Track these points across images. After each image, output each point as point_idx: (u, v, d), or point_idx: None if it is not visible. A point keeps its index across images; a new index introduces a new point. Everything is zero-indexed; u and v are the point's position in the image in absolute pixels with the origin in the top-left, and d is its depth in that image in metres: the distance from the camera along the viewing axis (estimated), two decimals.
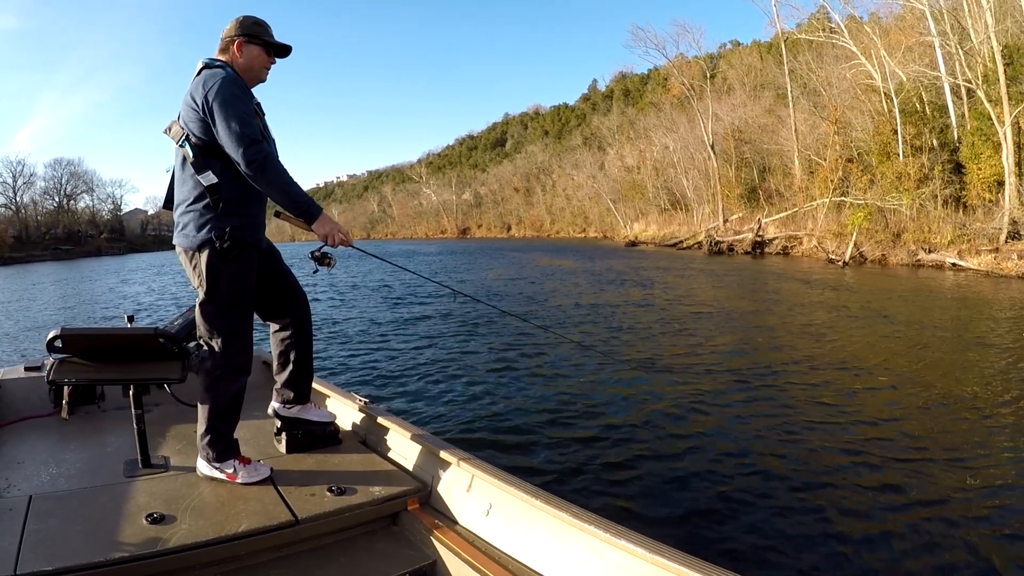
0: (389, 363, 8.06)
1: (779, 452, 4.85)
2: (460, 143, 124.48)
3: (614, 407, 5.99)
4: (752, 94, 45.33)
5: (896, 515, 3.80)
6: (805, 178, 32.14)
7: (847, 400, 6.38)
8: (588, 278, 19.81)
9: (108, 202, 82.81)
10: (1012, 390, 6.74)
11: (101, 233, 77.81)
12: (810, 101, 35.10)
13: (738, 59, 54.57)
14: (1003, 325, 11.09)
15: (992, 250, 19.84)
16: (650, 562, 1.66)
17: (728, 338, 9.81)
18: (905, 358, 8.39)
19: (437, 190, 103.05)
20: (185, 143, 2.45)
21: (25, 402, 3.41)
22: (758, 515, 3.78)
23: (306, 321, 2.92)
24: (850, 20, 30.96)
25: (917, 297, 14.76)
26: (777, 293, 16.09)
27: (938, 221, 22.63)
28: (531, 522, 2.08)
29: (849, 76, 29.78)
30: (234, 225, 2.47)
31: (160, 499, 2.31)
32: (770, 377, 7.22)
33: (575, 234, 65.28)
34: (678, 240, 38.21)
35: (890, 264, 22.71)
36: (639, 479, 4.33)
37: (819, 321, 11.49)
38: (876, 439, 5.17)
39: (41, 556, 1.87)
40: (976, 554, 3.37)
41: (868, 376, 7.38)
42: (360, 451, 2.92)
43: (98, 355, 2.59)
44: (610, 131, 67.60)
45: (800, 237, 29.07)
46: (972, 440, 5.24)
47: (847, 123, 29.83)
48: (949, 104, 25.26)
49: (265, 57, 2.65)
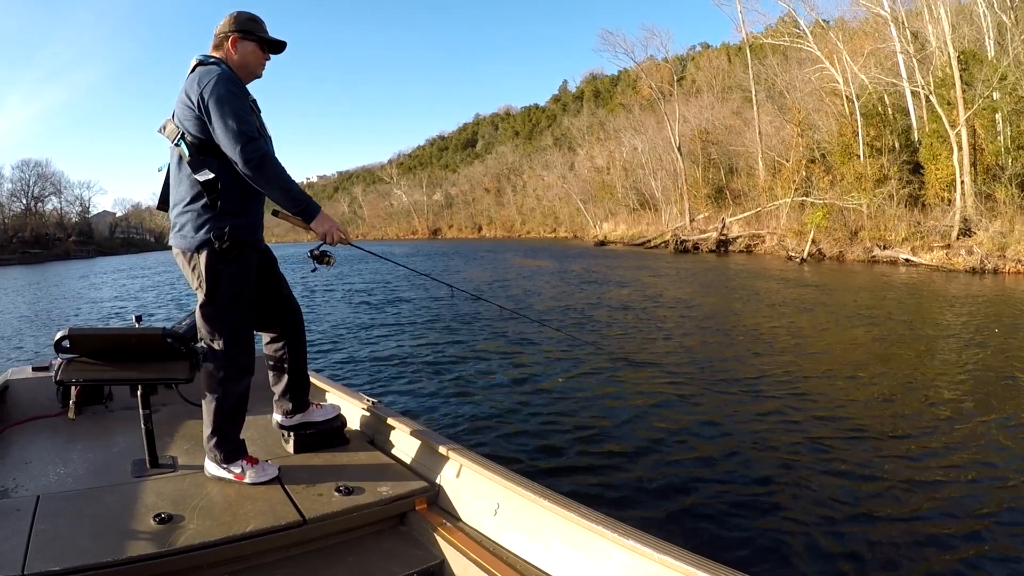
0: (393, 362, 7.95)
1: (773, 444, 4.84)
2: (431, 143, 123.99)
3: (623, 407, 5.85)
4: (720, 96, 46.06)
5: (923, 506, 3.81)
6: (769, 178, 32.75)
7: (814, 388, 6.55)
8: (565, 278, 19.81)
9: (76, 204, 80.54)
10: (964, 372, 7.20)
11: (69, 236, 75.54)
12: (775, 104, 35.78)
13: (707, 61, 55.46)
14: (946, 314, 11.45)
15: (944, 246, 20.51)
16: (658, 562, 1.65)
17: (696, 338, 9.88)
18: (847, 346, 8.70)
19: (408, 191, 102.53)
20: (181, 142, 2.41)
21: (33, 402, 3.40)
22: (751, 510, 3.76)
23: (300, 330, 2.88)
24: (816, 25, 31.63)
25: (867, 290, 15.21)
26: (737, 288, 16.42)
27: (893, 219, 23.32)
28: (539, 522, 2.07)
29: (814, 80, 30.46)
30: (233, 225, 2.43)
31: (168, 499, 2.31)
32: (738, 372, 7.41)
33: (545, 234, 65.49)
34: (646, 239, 38.55)
35: (847, 260, 23.38)
36: (654, 479, 4.24)
37: (772, 312, 11.77)
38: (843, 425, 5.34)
39: (49, 556, 1.87)
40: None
41: (820, 365, 7.60)
42: (368, 451, 2.91)
43: (106, 355, 2.58)
44: (580, 132, 68.00)
45: (763, 236, 29.65)
46: (921, 416, 5.51)
47: (812, 125, 30.48)
48: (910, 107, 26.01)
49: (260, 53, 2.62)
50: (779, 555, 3.28)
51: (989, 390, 6.40)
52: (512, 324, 10.20)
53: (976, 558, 3.26)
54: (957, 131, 21.84)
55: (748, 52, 37.39)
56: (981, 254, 18.66)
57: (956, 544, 3.39)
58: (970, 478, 4.27)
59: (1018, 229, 19.00)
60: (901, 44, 25.30)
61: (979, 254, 18.73)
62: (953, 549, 3.34)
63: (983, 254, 18.64)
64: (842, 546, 3.35)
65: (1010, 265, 18.00)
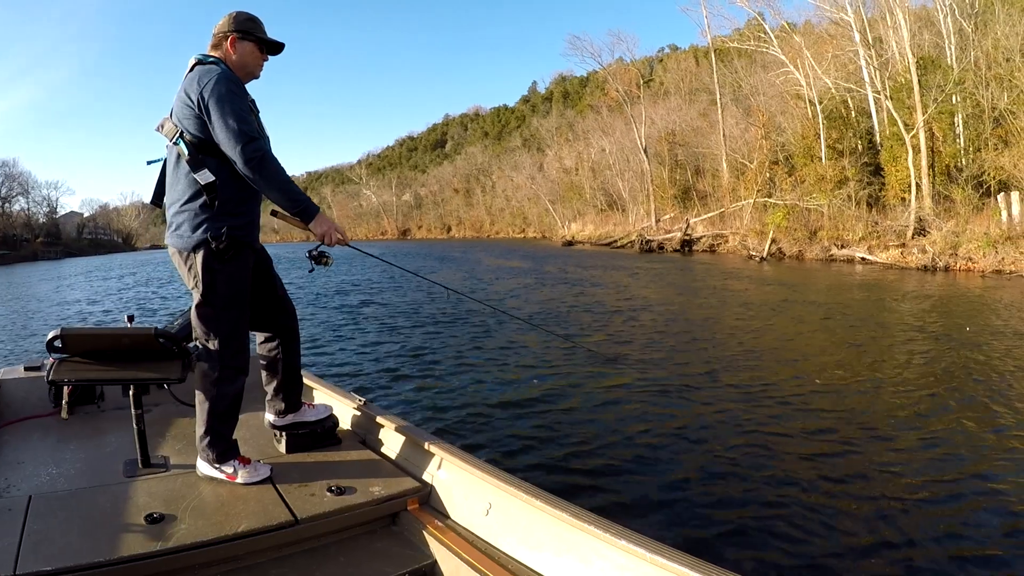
0: (384, 362, 7.81)
1: (757, 443, 4.80)
2: (400, 144, 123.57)
3: (615, 406, 5.80)
4: (687, 98, 46.61)
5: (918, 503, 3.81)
6: (733, 180, 33.24)
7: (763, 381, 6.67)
8: (540, 278, 19.68)
9: (44, 205, 78.68)
10: (912, 359, 7.47)
11: (37, 237, 73.70)
12: (740, 107, 36.31)
13: (675, 64, 56.11)
14: (899, 306, 11.74)
15: (899, 245, 21.03)
16: (649, 562, 1.65)
17: (664, 333, 9.93)
18: (792, 338, 8.84)
19: (377, 191, 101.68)
20: (179, 140, 2.39)
21: (25, 402, 3.38)
22: (739, 506, 3.74)
23: (294, 331, 2.88)
24: (782, 29, 32.19)
25: (822, 287, 15.56)
26: (700, 287, 16.60)
27: (852, 219, 23.85)
28: (531, 522, 2.07)
29: (779, 83, 30.99)
30: (231, 225, 2.41)
31: (160, 499, 2.31)
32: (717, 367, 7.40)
33: (514, 234, 65.54)
34: (613, 240, 38.82)
35: (806, 259, 23.87)
36: (636, 476, 4.22)
37: (723, 308, 11.94)
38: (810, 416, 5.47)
39: (41, 556, 1.86)
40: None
41: (778, 357, 7.79)
42: (360, 451, 2.90)
43: (98, 355, 2.57)
44: (549, 133, 68.18)
45: (726, 235, 30.05)
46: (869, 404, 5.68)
47: (777, 127, 30.98)
48: (872, 110, 26.60)
49: (258, 54, 2.61)
50: (761, 549, 3.27)
51: (942, 376, 6.63)
52: (497, 324, 10.09)
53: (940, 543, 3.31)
54: (912, 134, 22.40)
55: (713, 57, 37.97)
56: (933, 253, 19.14)
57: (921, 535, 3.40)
58: (937, 456, 4.46)
59: (970, 229, 19.53)
60: (864, 49, 25.88)
61: (931, 252, 19.21)
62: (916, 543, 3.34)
63: (934, 253, 19.12)
64: (829, 542, 3.32)
65: (961, 263, 18.48)
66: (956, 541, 3.34)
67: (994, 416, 5.34)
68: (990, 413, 5.41)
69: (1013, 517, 3.57)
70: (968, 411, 5.46)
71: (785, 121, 30.69)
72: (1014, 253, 17.41)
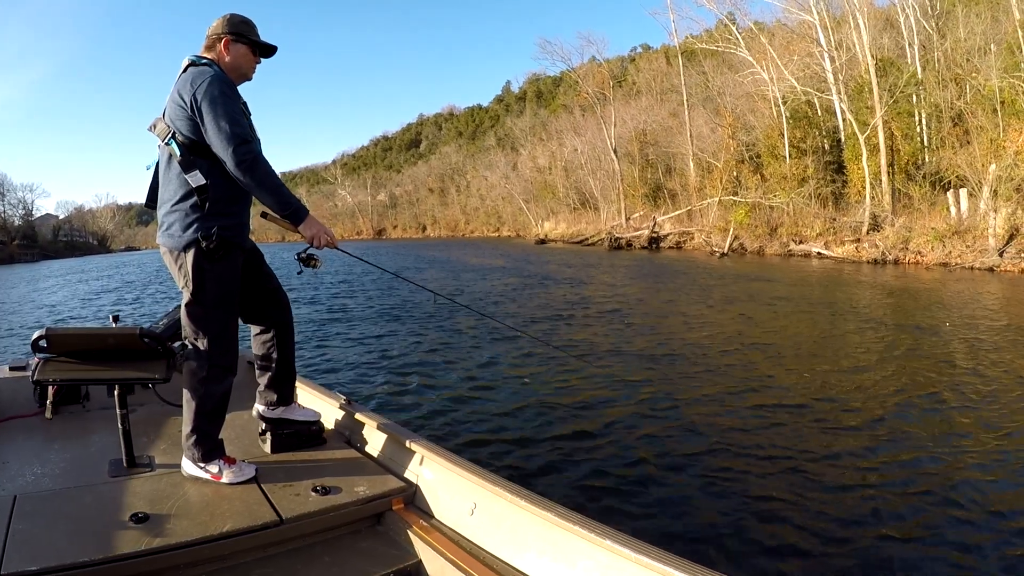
0: (369, 362, 7.80)
1: (743, 440, 4.85)
2: (375, 144, 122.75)
3: (596, 405, 5.81)
4: (659, 98, 47.15)
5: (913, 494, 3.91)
6: (700, 178, 33.90)
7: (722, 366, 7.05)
8: (510, 275, 19.99)
9: (19, 207, 76.32)
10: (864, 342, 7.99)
11: (13, 239, 71.71)
12: (708, 108, 36.91)
13: (646, 64, 56.60)
14: (846, 294, 12.31)
15: (854, 240, 21.83)
16: (635, 562, 1.65)
17: (648, 338, 10.27)
18: (726, 325, 9.33)
19: (352, 191, 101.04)
20: (171, 141, 2.40)
21: (9, 402, 3.35)
22: (723, 503, 3.78)
23: (288, 324, 2.89)
24: (749, 31, 32.86)
25: (776, 279, 16.07)
26: (655, 277, 17.12)
27: (810, 216, 24.63)
28: (516, 522, 2.06)
29: (747, 83, 31.64)
30: (221, 225, 2.42)
31: (145, 499, 2.29)
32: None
33: (489, 233, 65.61)
34: (584, 238, 39.44)
35: (766, 255, 24.62)
36: (618, 476, 4.23)
37: (684, 301, 12.40)
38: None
39: (26, 556, 1.85)
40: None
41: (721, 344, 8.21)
42: (345, 451, 2.89)
43: (83, 355, 2.56)
44: (523, 132, 68.28)
45: (691, 232, 30.76)
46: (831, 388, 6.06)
47: (745, 127, 31.61)
48: (837, 110, 27.23)
49: (252, 57, 2.63)
50: (744, 548, 3.30)
51: (887, 360, 7.13)
52: (480, 324, 9.99)
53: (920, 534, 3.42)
54: (866, 134, 23.19)
55: (680, 59, 38.76)
56: (883, 247, 19.94)
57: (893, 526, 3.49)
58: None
59: (920, 224, 20.34)
60: (827, 50, 26.61)
61: (882, 247, 20.01)
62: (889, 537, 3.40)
63: (885, 247, 19.93)
64: (807, 538, 3.37)
65: (910, 256, 19.31)
66: (921, 530, 3.43)
67: (939, 396, 5.75)
68: (933, 393, 5.83)
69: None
70: (916, 391, 5.88)
71: (755, 120, 31.33)
72: (960, 247, 18.20)
